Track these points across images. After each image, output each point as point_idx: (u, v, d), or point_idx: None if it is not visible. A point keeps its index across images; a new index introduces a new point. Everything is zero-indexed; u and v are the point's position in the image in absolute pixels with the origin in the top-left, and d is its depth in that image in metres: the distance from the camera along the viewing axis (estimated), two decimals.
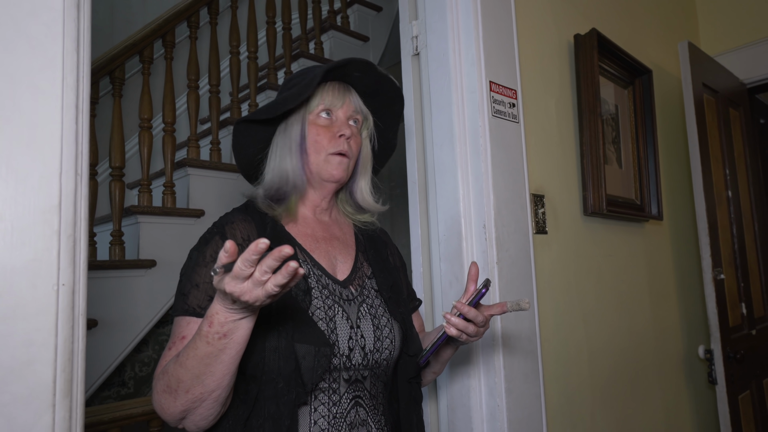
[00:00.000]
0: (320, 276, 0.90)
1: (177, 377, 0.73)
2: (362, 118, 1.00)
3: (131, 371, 2.68)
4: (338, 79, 0.98)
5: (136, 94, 2.97)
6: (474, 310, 0.87)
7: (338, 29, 3.56)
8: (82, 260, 0.71)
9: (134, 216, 2.51)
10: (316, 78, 0.90)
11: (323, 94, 0.95)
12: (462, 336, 0.88)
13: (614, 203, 1.71)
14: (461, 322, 0.87)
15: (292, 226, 0.94)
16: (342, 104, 0.96)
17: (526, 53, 1.53)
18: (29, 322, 0.64)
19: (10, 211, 0.64)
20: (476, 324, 0.88)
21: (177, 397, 0.74)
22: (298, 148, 0.94)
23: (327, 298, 0.87)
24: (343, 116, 0.96)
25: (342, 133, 0.94)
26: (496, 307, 0.91)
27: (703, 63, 2.10)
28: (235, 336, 0.70)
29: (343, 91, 0.97)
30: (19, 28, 0.66)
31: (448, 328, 0.87)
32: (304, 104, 0.95)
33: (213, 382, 0.72)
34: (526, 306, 0.86)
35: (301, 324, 0.82)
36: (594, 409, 1.58)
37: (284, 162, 0.94)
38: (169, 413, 0.76)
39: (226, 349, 0.70)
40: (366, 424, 0.87)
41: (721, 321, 1.90)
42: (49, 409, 0.64)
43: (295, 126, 0.95)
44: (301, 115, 0.95)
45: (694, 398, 2.09)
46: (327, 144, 0.93)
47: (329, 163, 0.93)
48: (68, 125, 0.70)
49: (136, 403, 1.88)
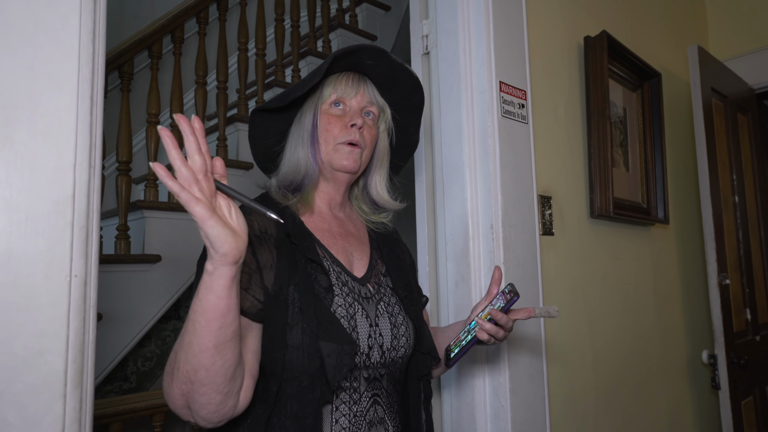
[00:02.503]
0: (340, 273, 0.89)
1: (175, 350, 0.70)
2: (378, 111, 0.98)
3: (134, 366, 2.69)
4: (353, 70, 0.96)
5: (144, 89, 2.98)
6: (506, 316, 0.92)
7: (346, 27, 3.57)
8: (94, 252, 0.71)
9: (140, 211, 2.51)
10: (326, 64, 0.88)
11: (336, 83, 0.94)
12: (491, 340, 0.93)
13: (621, 206, 1.71)
14: (493, 327, 0.92)
15: (309, 221, 0.93)
16: (355, 94, 0.94)
17: (536, 54, 1.53)
18: (42, 312, 0.65)
19: (25, 201, 0.65)
20: (505, 329, 0.93)
21: (173, 375, 0.70)
22: (309, 137, 0.93)
23: (347, 296, 0.86)
24: (356, 106, 0.94)
25: (353, 122, 0.92)
26: (522, 312, 0.93)
27: (712, 67, 2.09)
28: (205, 298, 0.65)
29: (357, 81, 0.95)
30: (37, 19, 0.66)
31: (481, 333, 0.92)
32: (317, 94, 0.94)
33: (193, 356, 0.67)
34: (556, 314, 0.91)
35: (325, 322, 0.80)
36: (597, 411, 1.58)
37: (297, 152, 0.93)
38: (171, 398, 0.72)
39: (196, 312, 0.66)
40: (383, 422, 0.87)
41: (726, 326, 1.89)
42: (60, 400, 0.64)
43: (307, 115, 0.94)
44: (313, 105, 0.94)
45: (698, 403, 2.09)
46: (338, 133, 0.92)
47: (339, 152, 0.92)
48: (83, 117, 0.70)
49: (140, 397, 1.89)
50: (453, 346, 0.96)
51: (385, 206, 1.02)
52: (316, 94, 0.95)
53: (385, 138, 1.01)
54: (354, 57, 0.92)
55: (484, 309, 0.95)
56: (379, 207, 1.03)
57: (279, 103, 0.91)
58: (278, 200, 0.92)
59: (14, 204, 0.64)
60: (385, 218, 1.04)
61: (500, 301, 0.93)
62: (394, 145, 1.05)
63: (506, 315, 0.92)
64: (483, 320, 0.92)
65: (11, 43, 0.65)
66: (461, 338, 0.95)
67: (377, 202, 1.02)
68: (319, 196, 0.97)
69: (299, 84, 0.90)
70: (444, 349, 1.01)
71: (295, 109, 0.96)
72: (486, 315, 0.93)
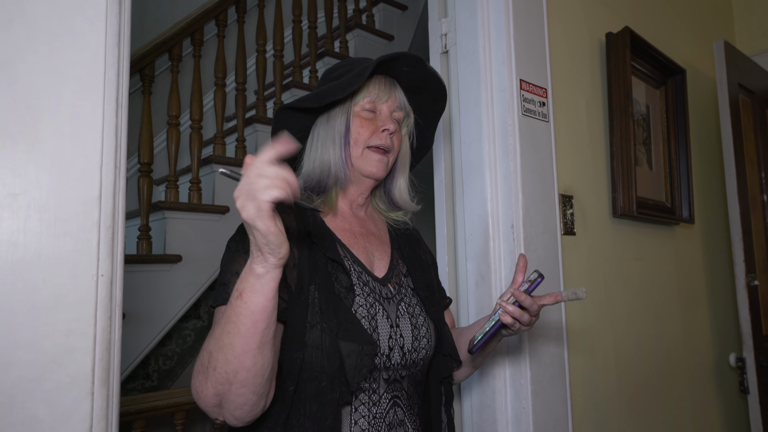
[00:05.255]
0: (361, 273, 0.88)
1: (209, 350, 0.70)
2: (404, 115, 0.98)
3: (155, 364, 2.73)
4: (384, 73, 0.96)
5: (165, 92, 3.02)
6: (530, 298, 0.88)
7: (363, 28, 3.57)
8: (119, 252, 0.72)
9: (161, 211, 2.55)
10: (368, 69, 0.88)
11: (369, 86, 0.94)
12: (516, 324, 0.89)
13: (644, 205, 1.68)
14: (517, 310, 0.88)
15: (330, 220, 0.93)
16: (387, 98, 0.94)
17: (557, 51, 1.51)
18: (70, 311, 0.66)
19: (54, 201, 0.66)
20: (530, 313, 0.89)
21: (208, 375, 0.70)
22: (342, 139, 0.92)
23: (368, 296, 0.86)
24: (387, 111, 0.94)
25: (386, 127, 0.92)
26: (549, 297, 0.90)
27: (739, 63, 2.04)
28: (251, 300, 0.65)
29: (389, 85, 0.95)
30: (65, 23, 0.68)
31: (504, 315, 0.88)
32: (349, 96, 0.94)
33: (234, 358, 0.67)
34: (584, 295, 0.86)
35: (346, 322, 0.80)
36: (621, 414, 1.55)
37: (326, 153, 0.92)
38: (203, 397, 0.71)
39: (241, 315, 0.66)
40: (403, 425, 0.86)
41: (754, 329, 1.84)
42: (88, 397, 0.65)
43: (339, 117, 0.93)
44: (346, 107, 0.93)
45: (725, 407, 2.03)
46: (368, 137, 0.92)
47: (367, 159, 0.92)
48: (109, 119, 0.71)
49: (162, 395, 1.92)
50: (478, 333, 0.93)
51: (405, 208, 1.03)
52: (348, 96, 0.94)
53: (407, 141, 1.02)
54: (392, 62, 0.93)
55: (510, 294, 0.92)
56: (396, 207, 1.03)
57: (314, 103, 0.90)
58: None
59: (44, 205, 0.65)
60: (404, 215, 1.04)
61: (525, 285, 0.89)
62: (413, 149, 1.06)
63: (531, 297, 0.88)
64: (507, 303, 0.88)
65: (40, 47, 0.66)
66: (485, 327, 0.92)
67: (398, 204, 1.02)
68: (342, 197, 0.97)
69: (338, 86, 0.89)
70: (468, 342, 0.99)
71: (322, 108, 0.96)
72: (511, 299, 0.89)
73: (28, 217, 0.64)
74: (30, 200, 0.64)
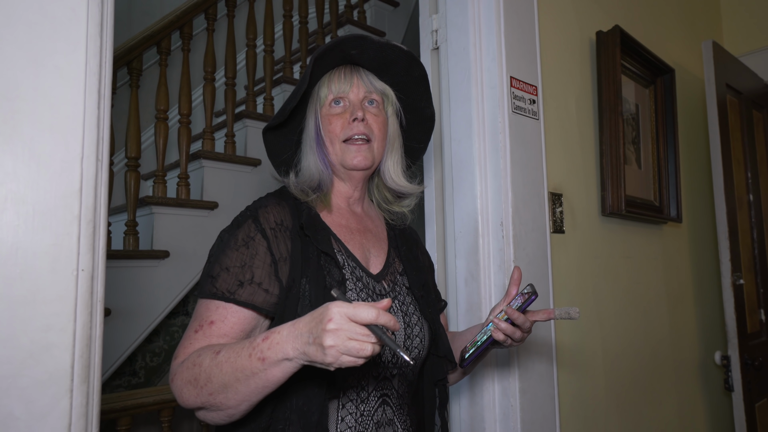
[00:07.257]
0: (354, 268, 0.87)
1: (208, 375, 0.72)
2: (381, 96, 0.95)
3: (142, 361, 2.70)
4: (343, 63, 0.94)
5: (153, 85, 2.98)
6: (523, 316, 0.88)
7: (355, 24, 3.55)
8: (101, 246, 0.70)
9: (149, 207, 2.52)
10: (308, 68, 0.87)
11: (329, 82, 0.92)
12: (507, 341, 0.89)
13: (633, 204, 1.68)
14: (509, 327, 0.88)
15: (326, 216, 0.92)
16: (351, 87, 0.92)
17: (548, 49, 1.51)
18: (48, 306, 0.64)
19: (32, 194, 0.64)
20: (523, 330, 0.89)
21: (200, 393, 0.73)
22: (314, 143, 0.92)
23: (361, 291, 0.85)
24: (355, 99, 0.92)
25: (354, 116, 0.89)
26: (541, 314, 0.90)
27: (726, 63, 2.05)
28: (270, 371, 0.68)
29: (349, 73, 0.92)
30: (44, 10, 0.66)
31: (496, 332, 0.88)
32: (315, 98, 0.93)
33: (234, 399, 0.71)
34: (576, 315, 0.87)
35: None
36: (608, 411, 1.56)
37: (308, 161, 0.92)
38: (186, 402, 0.75)
39: (256, 374, 0.69)
40: (392, 424, 0.85)
41: (739, 327, 1.86)
42: (67, 394, 0.64)
43: (310, 122, 0.93)
44: (313, 110, 0.93)
45: (710, 405, 2.06)
46: (339, 131, 0.90)
47: (346, 153, 0.90)
48: (90, 110, 0.69)
49: (148, 392, 1.89)
50: (469, 346, 0.93)
51: (403, 191, 0.99)
52: (314, 98, 0.93)
53: (394, 122, 0.98)
54: (337, 52, 0.90)
55: (502, 310, 0.92)
56: (400, 195, 1.01)
57: (280, 118, 0.90)
58: (297, 195, 0.91)
59: (21, 197, 0.63)
60: (406, 207, 1.02)
61: (518, 301, 0.90)
62: (406, 126, 1.02)
63: (524, 315, 0.88)
64: (499, 320, 0.88)
65: (16, 34, 0.64)
66: (477, 339, 0.92)
67: (394, 188, 0.99)
68: (336, 194, 0.96)
69: (292, 95, 0.89)
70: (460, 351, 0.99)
71: (302, 118, 0.95)
72: (503, 315, 0.90)
73: (5, 210, 0.62)
74: (6, 192, 0.62)
